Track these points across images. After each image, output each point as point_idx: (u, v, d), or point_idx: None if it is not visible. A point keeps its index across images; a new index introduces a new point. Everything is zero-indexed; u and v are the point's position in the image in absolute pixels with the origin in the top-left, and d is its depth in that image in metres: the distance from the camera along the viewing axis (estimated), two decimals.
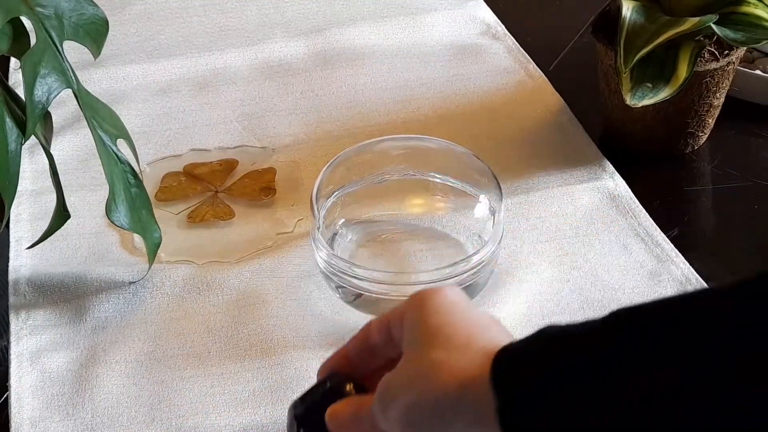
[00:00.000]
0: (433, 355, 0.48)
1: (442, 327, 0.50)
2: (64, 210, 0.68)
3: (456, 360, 0.47)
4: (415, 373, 0.49)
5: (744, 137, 0.86)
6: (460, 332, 0.49)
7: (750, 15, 0.75)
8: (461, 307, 0.51)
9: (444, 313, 0.50)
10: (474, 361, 0.46)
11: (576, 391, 0.41)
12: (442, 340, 0.49)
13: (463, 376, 0.46)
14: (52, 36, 0.64)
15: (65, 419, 0.63)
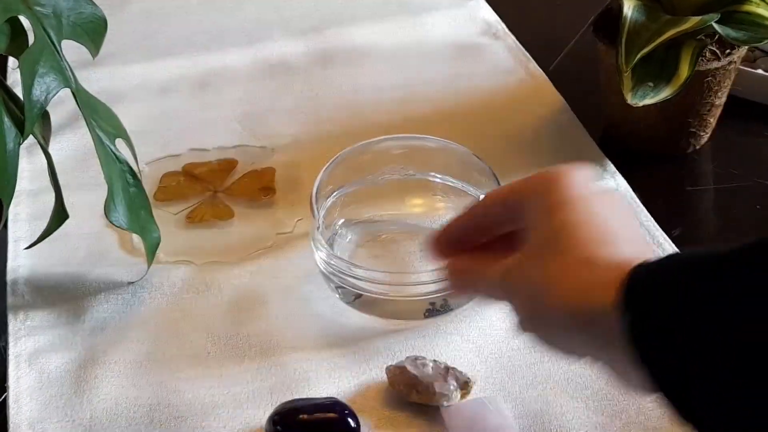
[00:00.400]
0: (557, 264, 0.46)
1: (570, 228, 0.47)
2: (63, 210, 0.68)
3: (580, 275, 0.45)
4: (539, 282, 0.47)
5: (746, 137, 0.86)
6: (588, 237, 0.47)
7: (752, 14, 0.75)
8: (589, 201, 0.48)
9: (571, 208, 0.48)
10: (601, 279, 0.44)
11: (706, 318, 0.40)
12: (569, 245, 0.47)
13: (590, 296, 0.44)
14: (51, 35, 0.63)
15: (63, 420, 0.63)
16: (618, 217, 0.49)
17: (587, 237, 0.47)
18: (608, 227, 0.47)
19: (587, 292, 0.45)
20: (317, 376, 0.65)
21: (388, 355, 0.66)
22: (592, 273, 0.45)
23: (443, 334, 0.67)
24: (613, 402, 0.63)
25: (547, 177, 0.50)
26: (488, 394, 0.64)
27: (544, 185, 0.50)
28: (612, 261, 0.45)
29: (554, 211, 0.48)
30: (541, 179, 0.50)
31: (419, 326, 0.68)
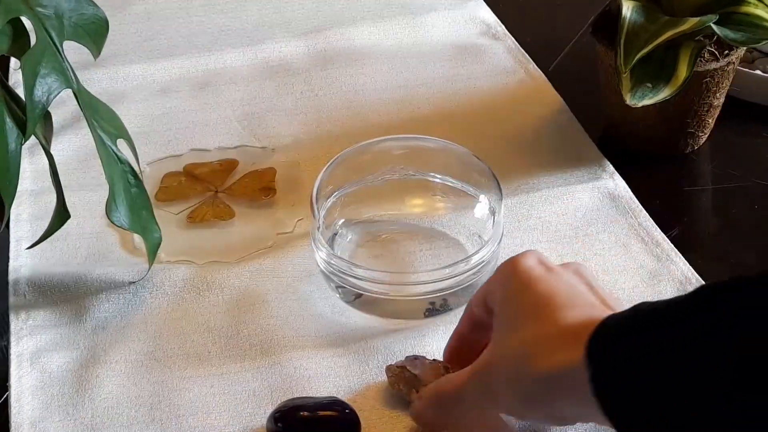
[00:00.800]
0: (524, 336, 0.50)
1: (528, 303, 0.51)
2: (64, 210, 0.68)
3: (548, 342, 0.49)
4: (511, 357, 0.51)
5: (744, 137, 0.86)
6: (546, 306, 0.50)
7: (750, 15, 0.75)
8: (543, 276, 0.52)
9: (525, 287, 0.52)
10: (566, 343, 0.48)
11: (666, 367, 0.43)
12: (529, 319, 0.51)
13: (558, 360, 0.48)
14: (52, 36, 0.64)
15: (65, 419, 0.63)
16: (577, 284, 0.53)
17: (552, 304, 0.51)
18: (566, 290, 0.52)
19: (556, 353, 0.48)
20: (317, 375, 0.65)
21: (388, 354, 0.66)
22: (560, 336, 0.48)
23: (443, 334, 0.67)
24: None
25: (504, 267, 0.55)
26: None
27: (502, 274, 0.55)
28: (576, 322, 0.49)
29: (515, 291, 0.53)
30: (500, 270, 0.55)
31: (419, 326, 0.68)
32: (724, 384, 0.41)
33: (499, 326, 0.53)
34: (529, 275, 0.53)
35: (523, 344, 0.50)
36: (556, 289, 0.51)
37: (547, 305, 0.50)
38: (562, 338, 0.48)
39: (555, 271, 0.53)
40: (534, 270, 0.53)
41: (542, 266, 0.54)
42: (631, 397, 0.44)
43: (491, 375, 0.52)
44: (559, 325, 0.49)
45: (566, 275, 0.53)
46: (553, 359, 0.48)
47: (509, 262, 0.55)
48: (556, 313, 0.50)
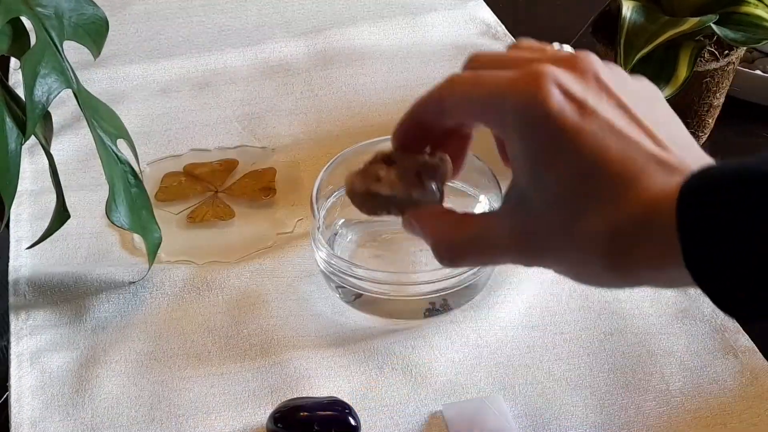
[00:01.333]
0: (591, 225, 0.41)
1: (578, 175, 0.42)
2: (64, 210, 0.68)
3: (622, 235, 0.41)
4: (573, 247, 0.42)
5: (744, 137, 0.86)
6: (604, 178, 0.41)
7: (750, 15, 0.75)
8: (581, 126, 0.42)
9: (565, 147, 0.42)
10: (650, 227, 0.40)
11: None
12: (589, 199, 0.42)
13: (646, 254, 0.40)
14: (52, 36, 0.64)
15: (65, 419, 0.63)
16: (623, 126, 0.43)
17: (609, 175, 0.41)
18: (623, 154, 0.42)
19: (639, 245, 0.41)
20: (317, 375, 0.65)
21: (388, 355, 0.66)
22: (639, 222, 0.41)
23: (443, 334, 0.68)
24: (612, 401, 0.63)
25: (523, 108, 0.43)
26: (488, 393, 0.64)
27: (526, 118, 0.43)
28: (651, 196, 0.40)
29: (555, 153, 0.42)
30: (515, 105, 0.43)
31: (419, 326, 0.68)
32: None
33: (539, 198, 0.43)
34: (566, 129, 0.42)
35: (592, 234, 0.41)
36: (606, 149, 0.42)
37: (604, 177, 0.41)
38: (641, 223, 0.40)
39: (588, 110, 0.42)
40: (567, 117, 0.42)
41: (572, 104, 0.42)
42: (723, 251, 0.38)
43: (544, 256, 0.45)
44: (630, 206, 0.41)
45: (600, 109, 0.42)
46: (641, 251, 0.40)
47: (529, 103, 0.42)
48: (621, 188, 0.41)
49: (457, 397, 0.63)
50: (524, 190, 0.44)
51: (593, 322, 0.68)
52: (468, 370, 0.65)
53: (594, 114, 0.42)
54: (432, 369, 0.65)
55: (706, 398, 0.63)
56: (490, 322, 0.68)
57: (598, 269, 0.42)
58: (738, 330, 0.67)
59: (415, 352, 0.66)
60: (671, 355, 0.66)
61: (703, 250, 0.39)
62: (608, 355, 0.66)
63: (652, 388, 0.64)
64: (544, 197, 0.43)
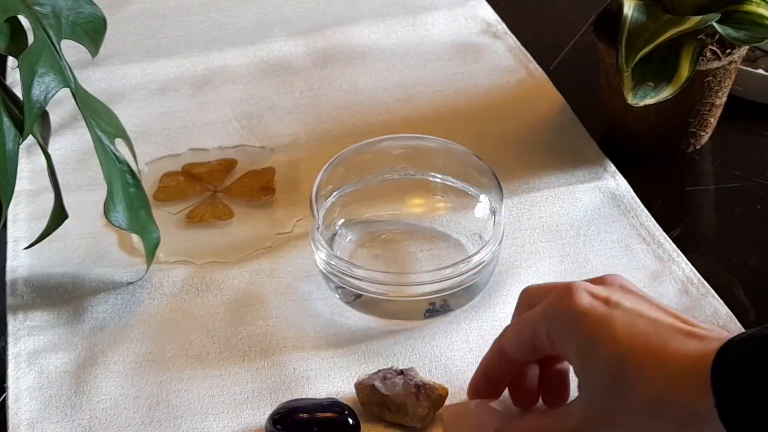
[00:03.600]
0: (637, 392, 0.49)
1: (613, 355, 0.50)
2: (62, 210, 0.68)
3: (666, 392, 0.48)
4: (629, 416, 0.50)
5: (746, 136, 0.86)
6: (638, 351, 0.49)
7: (752, 14, 0.75)
8: (609, 315, 0.51)
9: (600, 336, 0.50)
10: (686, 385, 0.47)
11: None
12: (630, 371, 0.49)
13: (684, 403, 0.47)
14: (50, 35, 0.63)
15: (63, 420, 0.63)
16: (643, 308, 0.52)
17: (641, 348, 0.49)
18: (649, 329, 0.50)
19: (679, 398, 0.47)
20: (317, 376, 0.65)
21: (388, 355, 0.66)
22: (676, 381, 0.48)
23: (443, 334, 0.67)
24: None
25: (560, 316, 0.53)
26: None
27: (565, 325, 0.53)
28: (686, 360, 0.48)
29: (595, 344, 0.51)
30: (554, 318, 0.53)
31: (419, 326, 0.68)
32: None
33: (591, 384, 0.52)
34: (597, 320, 0.51)
35: (641, 396, 0.49)
36: (635, 328, 0.50)
37: (636, 350, 0.49)
38: (679, 382, 0.47)
39: (613, 302, 0.52)
40: (596, 310, 0.51)
41: (598, 301, 0.52)
42: None
43: (608, 427, 0.52)
44: (669, 368, 0.48)
45: (624, 301, 0.52)
46: (682, 404, 0.47)
47: (563, 310, 0.53)
48: (652, 358, 0.49)
49: (457, 398, 0.63)
50: (582, 381, 0.53)
51: None
52: (468, 370, 0.65)
53: (619, 304, 0.52)
54: (432, 369, 0.65)
55: None
56: (491, 322, 0.68)
57: (656, 428, 0.49)
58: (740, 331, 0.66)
59: (415, 352, 0.66)
60: None
61: (736, 406, 0.45)
62: None
63: None
64: (597, 380, 0.51)
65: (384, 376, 0.62)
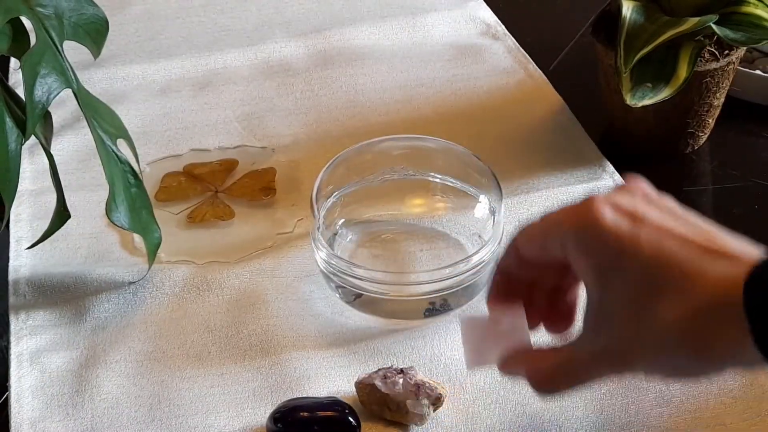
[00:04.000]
0: (664, 319, 0.45)
1: (643, 277, 0.45)
2: (64, 210, 0.68)
3: (695, 320, 0.44)
4: (653, 343, 0.46)
5: (744, 137, 0.86)
6: (669, 275, 0.45)
7: (750, 15, 0.75)
8: (637, 233, 0.46)
9: (627, 255, 0.46)
10: (717, 315, 0.43)
11: None
12: (658, 297, 0.45)
13: (718, 338, 0.44)
14: (52, 36, 0.64)
15: (65, 419, 0.63)
16: (673, 225, 0.48)
17: (672, 271, 0.45)
18: (680, 251, 0.46)
19: (711, 330, 0.44)
20: (317, 375, 0.65)
21: (388, 355, 0.66)
22: (706, 309, 0.44)
23: (443, 334, 0.67)
24: (612, 401, 0.63)
25: (583, 229, 0.48)
26: (488, 393, 0.64)
27: (586, 239, 0.48)
28: (717, 286, 0.44)
29: (620, 263, 0.47)
30: (575, 230, 0.49)
31: (419, 326, 0.68)
32: None
33: (611, 309, 0.47)
34: (622, 238, 0.46)
35: (668, 325, 0.45)
36: (662, 249, 0.46)
37: (663, 273, 0.45)
38: (709, 307, 0.44)
39: (639, 218, 0.47)
40: (622, 228, 0.47)
41: (625, 217, 0.47)
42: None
43: (630, 360, 0.48)
44: (698, 294, 0.44)
45: (650, 215, 0.48)
46: (714, 335, 0.44)
47: (584, 225, 0.48)
48: (685, 280, 0.45)
49: (457, 398, 0.63)
50: (599, 305, 0.48)
51: None
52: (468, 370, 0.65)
53: (645, 220, 0.47)
54: (432, 368, 0.65)
55: (706, 398, 0.63)
56: None
57: (681, 360, 0.46)
58: None
59: (415, 352, 0.66)
60: None
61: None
62: None
63: (652, 388, 0.64)
64: (617, 303, 0.47)
65: (384, 375, 0.62)
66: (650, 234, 0.46)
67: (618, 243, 0.46)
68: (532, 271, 0.55)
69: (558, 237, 0.50)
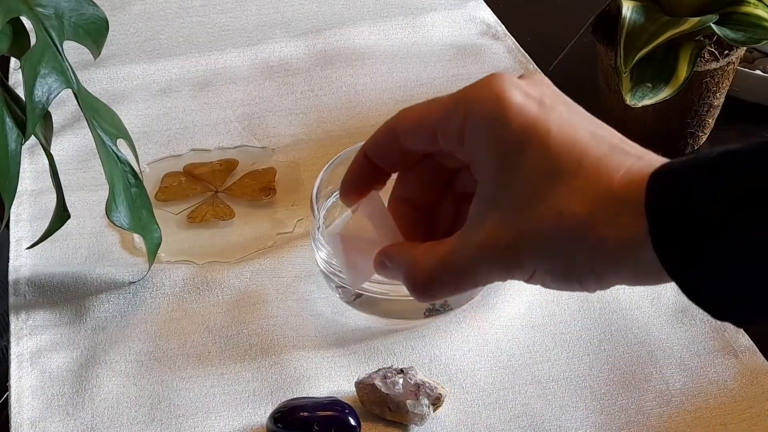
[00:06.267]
0: (562, 205, 0.41)
1: (547, 162, 0.41)
2: (64, 210, 0.68)
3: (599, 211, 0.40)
4: (550, 229, 0.41)
5: (744, 137, 0.86)
6: (575, 162, 0.41)
7: (750, 15, 0.75)
8: (543, 116, 0.42)
9: (533, 139, 0.42)
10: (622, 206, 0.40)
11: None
12: (561, 182, 0.41)
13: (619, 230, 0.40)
14: (52, 36, 0.64)
15: (65, 419, 0.63)
16: (580, 117, 0.44)
17: (578, 158, 0.41)
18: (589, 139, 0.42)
19: (615, 221, 0.40)
20: (317, 375, 0.65)
21: (388, 354, 0.66)
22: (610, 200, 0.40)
23: (443, 334, 0.68)
24: (612, 401, 0.63)
25: (483, 108, 0.43)
26: (488, 393, 0.64)
27: (489, 120, 0.43)
28: (624, 178, 0.41)
29: (523, 147, 0.42)
30: (476, 110, 0.43)
31: (419, 326, 0.68)
32: None
33: (510, 194, 0.42)
34: (530, 122, 0.42)
35: (567, 214, 0.41)
36: (571, 137, 0.42)
37: (571, 161, 0.41)
38: (614, 202, 0.40)
39: (548, 105, 0.44)
40: (530, 111, 0.43)
41: (531, 100, 0.43)
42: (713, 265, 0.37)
43: (520, 251, 0.43)
44: (602, 186, 0.40)
45: (559, 105, 0.44)
46: (612, 229, 0.40)
47: (488, 101, 0.43)
48: (591, 170, 0.41)
49: (457, 398, 0.63)
50: (493, 194, 0.43)
51: (593, 322, 0.68)
52: (468, 370, 0.65)
53: (554, 108, 0.43)
54: (432, 368, 0.65)
55: (706, 398, 0.63)
56: (491, 321, 0.68)
57: (572, 256, 0.42)
58: (738, 330, 0.67)
59: (415, 352, 0.66)
60: (671, 355, 0.66)
61: (669, 230, 0.38)
62: (608, 355, 0.66)
63: (652, 388, 0.64)
64: (516, 191, 0.42)
65: (384, 375, 0.62)
66: (559, 121, 0.43)
67: (524, 127, 0.42)
68: (405, 162, 0.48)
69: (455, 122, 0.44)
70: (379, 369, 0.63)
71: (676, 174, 0.39)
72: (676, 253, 0.38)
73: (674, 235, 0.38)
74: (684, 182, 0.38)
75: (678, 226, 0.38)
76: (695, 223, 0.38)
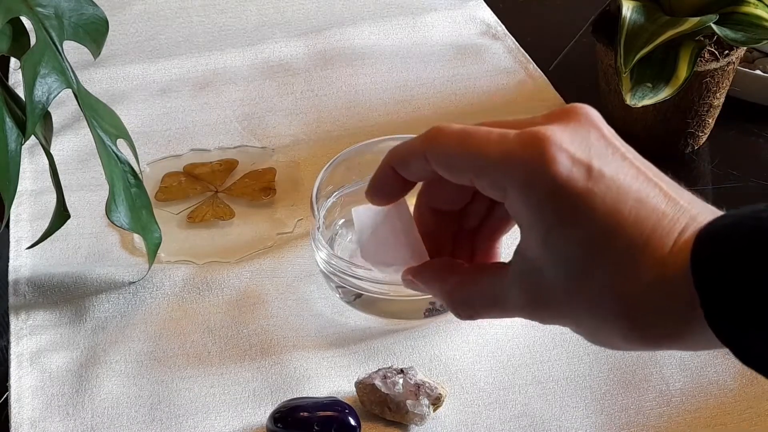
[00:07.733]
0: (607, 288, 0.40)
1: (591, 238, 0.41)
2: (64, 210, 0.68)
3: (644, 295, 0.40)
4: (594, 309, 0.41)
5: (744, 137, 0.86)
6: (619, 237, 0.40)
7: (750, 15, 0.75)
8: (590, 188, 0.41)
9: (578, 212, 0.41)
10: (670, 285, 0.39)
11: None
12: (607, 262, 0.40)
13: (664, 309, 0.40)
14: (52, 36, 0.64)
15: (65, 419, 0.63)
16: (632, 181, 0.42)
17: (624, 233, 0.41)
18: (636, 211, 0.41)
19: (660, 303, 0.40)
20: (317, 375, 0.65)
21: (388, 354, 0.66)
22: (657, 282, 0.40)
23: (443, 334, 0.68)
24: (612, 401, 0.63)
25: (531, 174, 0.41)
26: (488, 393, 0.64)
27: (535, 185, 0.41)
28: (670, 252, 0.40)
29: (567, 218, 0.41)
30: (522, 172, 0.42)
31: (419, 326, 0.68)
32: None
33: (551, 263, 0.42)
34: (575, 194, 0.41)
35: (606, 297, 0.41)
36: (616, 214, 0.41)
37: (617, 240, 0.40)
38: (658, 284, 0.40)
39: (596, 171, 0.41)
40: (577, 182, 0.41)
41: (579, 167, 0.41)
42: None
43: (556, 318, 0.43)
44: (647, 269, 0.40)
45: (607, 167, 0.42)
46: (652, 315, 0.40)
47: (534, 170, 0.41)
48: (635, 251, 0.40)
49: (457, 398, 0.63)
50: (535, 254, 0.43)
51: None
52: (468, 370, 0.65)
53: (602, 175, 0.41)
54: (432, 369, 0.65)
55: (706, 398, 0.63)
56: (491, 321, 0.68)
57: (615, 333, 0.42)
58: None
59: (415, 352, 0.66)
60: (671, 355, 0.66)
61: (722, 301, 0.38)
62: (608, 355, 0.66)
63: (652, 388, 0.64)
64: (557, 262, 0.42)
65: (384, 375, 0.62)
66: (605, 192, 0.41)
67: (570, 199, 0.41)
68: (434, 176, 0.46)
69: (496, 176, 0.43)
70: (379, 369, 0.63)
71: (720, 243, 0.38)
72: (732, 326, 0.38)
73: (729, 309, 0.38)
74: (733, 255, 0.38)
75: (732, 300, 0.38)
76: (750, 295, 0.37)
